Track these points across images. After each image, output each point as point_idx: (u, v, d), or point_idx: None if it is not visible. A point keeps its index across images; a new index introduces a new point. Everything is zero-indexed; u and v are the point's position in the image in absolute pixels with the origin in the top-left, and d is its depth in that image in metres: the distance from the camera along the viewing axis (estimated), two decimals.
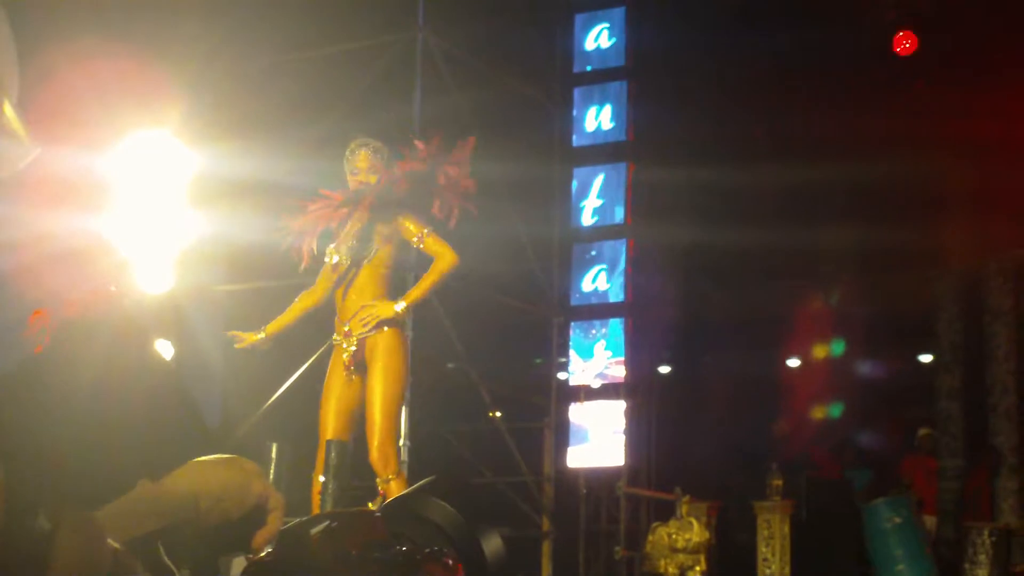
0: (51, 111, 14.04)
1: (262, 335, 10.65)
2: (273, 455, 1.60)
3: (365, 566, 1.48)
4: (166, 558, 1.54)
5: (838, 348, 19.76)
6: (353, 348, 10.11)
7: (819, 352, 19.81)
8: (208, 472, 1.57)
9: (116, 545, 1.42)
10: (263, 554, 1.53)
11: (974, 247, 16.95)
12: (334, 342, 10.28)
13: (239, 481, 1.58)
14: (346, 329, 10.14)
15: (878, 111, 16.38)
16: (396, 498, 1.74)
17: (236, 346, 10.74)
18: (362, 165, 10.43)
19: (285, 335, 10.88)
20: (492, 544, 1.70)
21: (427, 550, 1.51)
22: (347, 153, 10.50)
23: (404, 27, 16.20)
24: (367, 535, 1.53)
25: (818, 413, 19.51)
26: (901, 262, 17.71)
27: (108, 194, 14.31)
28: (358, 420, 10.22)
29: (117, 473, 1.28)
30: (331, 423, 10.15)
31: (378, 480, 9.83)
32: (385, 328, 10.03)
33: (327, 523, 1.52)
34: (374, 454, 9.97)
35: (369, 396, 10.03)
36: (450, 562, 1.51)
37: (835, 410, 19.75)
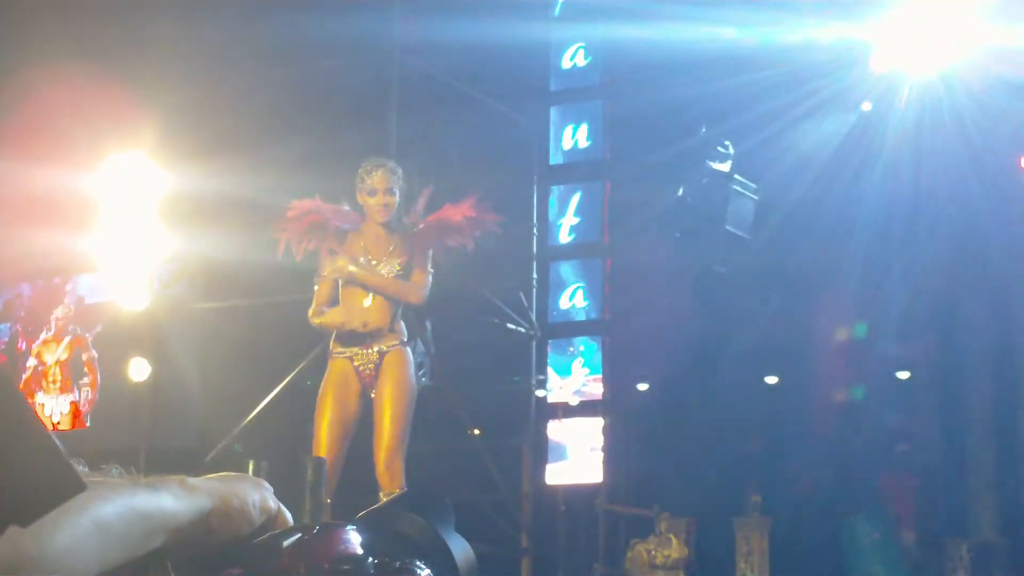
0: (28, 129, 14.04)
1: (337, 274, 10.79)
2: (250, 472, 1.61)
3: None
4: (173, 575, 1.55)
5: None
6: (372, 364, 10.30)
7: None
8: (220, 488, 1.58)
9: None
10: (235, 569, 1.54)
11: None
12: (338, 355, 10.42)
13: (250, 498, 1.59)
14: (361, 351, 10.35)
15: None
16: (369, 511, 1.75)
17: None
18: (380, 186, 10.62)
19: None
20: (464, 556, 1.71)
21: (399, 563, 1.51)
22: (361, 172, 10.67)
23: (380, 45, 16.23)
24: (339, 548, 1.53)
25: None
26: None
27: (87, 212, 14.31)
28: (353, 436, 10.34)
29: None
30: (325, 438, 10.25)
31: (382, 494, 9.94)
32: (398, 345, 10.27)
33: (299, 536, 1.53)
34: (380, 468, 10.11)
35: (379, 411, 10.21)
36: (421, 574, 1.52)
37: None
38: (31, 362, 18.12)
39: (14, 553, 1.30)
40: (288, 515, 1.63)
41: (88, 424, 17.70)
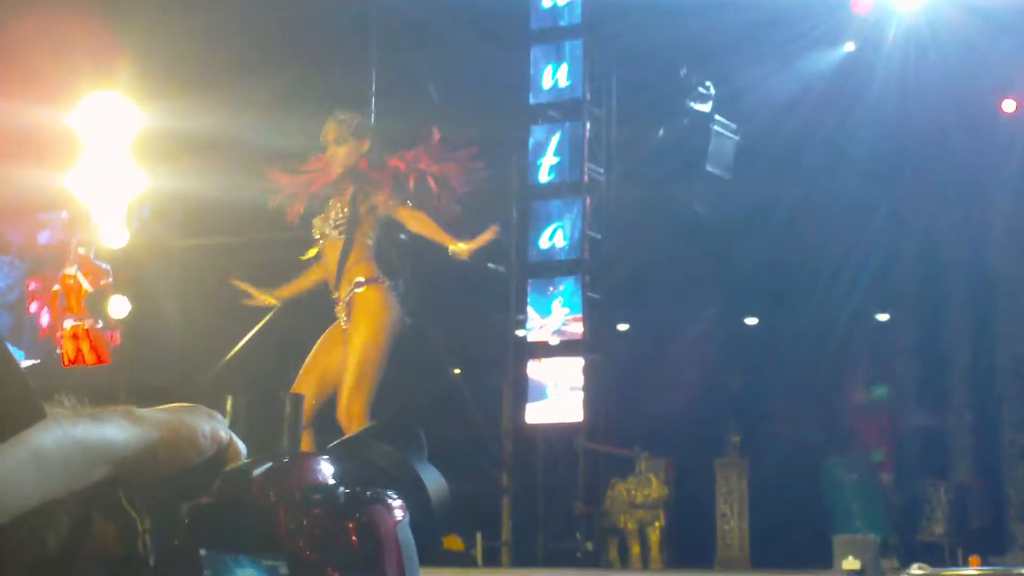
0: (2, 67, 13.96)
1: (273, 301, 10.78)
2: (228, 407, 1.61)
3: (307, 508, 1.47)
4: (127, 505, 1.54)
5: None
6: (344, 316, 10.30)
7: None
8: (169, 418, 1.56)
9: None
10: (205, 496, 1.52)
11: None
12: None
13: (200, 428, 1.57)
14: (336, 296, 10.34)
15: None
16: (340, 441, 1.74)
17: (244, 302, 10.81)
18: (328, 137, 10.63)
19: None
20: (436, 485, 1.70)
21: (370, 492, 1.50)
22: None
23: None
24: (310, 477, 1.52)
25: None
26: None
27: (65, 150, 14.26)
28: (332, 386, 10.32)
29: None
30: (302, 382, 10.26)
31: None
32: (365, 286, 10.20)
33: (269, 464, 1.52)
34: (339, 410, 10.05)
35: (346, 350, 10.17)
36: (394, 503, 1.51)
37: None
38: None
39: None
40: (241, 445, 1.61)
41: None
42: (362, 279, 10.33)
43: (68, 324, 17.57)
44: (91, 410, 1.50)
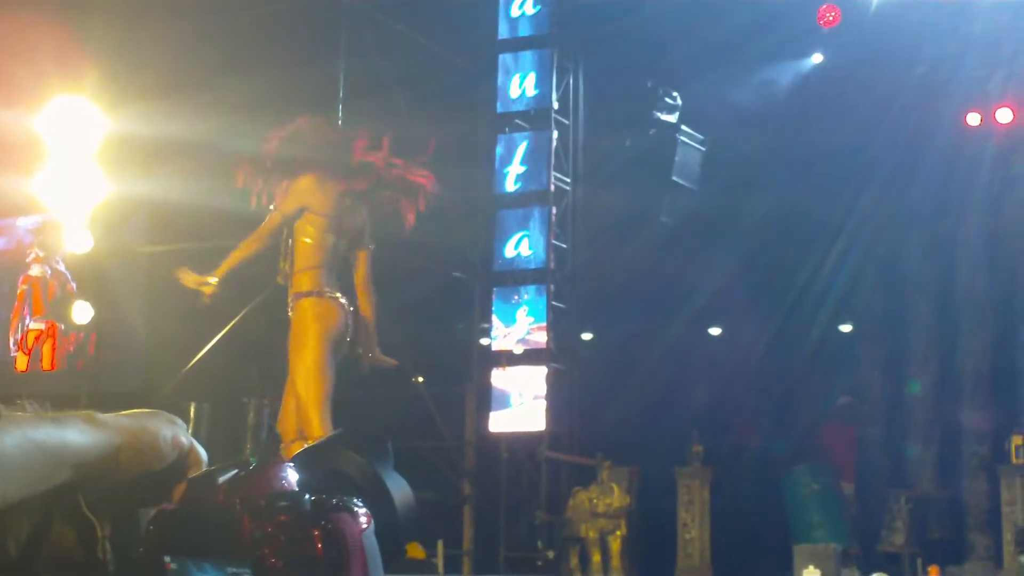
0: None
1: (213, 280, 10.63)
2: (192, 415, 1.61)
3: (273, 515, 1.48)
4: (87, 510, 1.54)
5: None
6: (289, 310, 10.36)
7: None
8: (130, 424, 1.56)
9: None
10: (171, 504, 1.53)
11: None
12: None
13: (161, 434, 1.58)
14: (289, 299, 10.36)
15: None
16: (306, 448, 1.75)
17: (183, 281, 10.72)
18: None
19: (227, 282, 10.90)
20: (402, 494, 1.70)
21: (336, 500, 1.51)
22: None
23: None
24: (276, 484, 1.53)
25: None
26: None
27: (29, 154, 14.18)
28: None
29: None
30: (288, 390, 10.31)
31: (281, 446, 9.87)
32: (304, 298, 10.16)
33: (235, 472, 1.53)
34: (277, 421, 10.03)
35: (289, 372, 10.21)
36: (359, 511, 1.52)
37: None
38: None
39: None
40: (201, 451, 1.61)
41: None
42: (301, 291, 10.30)
43: (33, 325, 17.49)
44: (53, 414, 1.51)
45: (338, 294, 10.36)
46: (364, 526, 1.51)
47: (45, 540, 1.53)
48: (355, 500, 1.54)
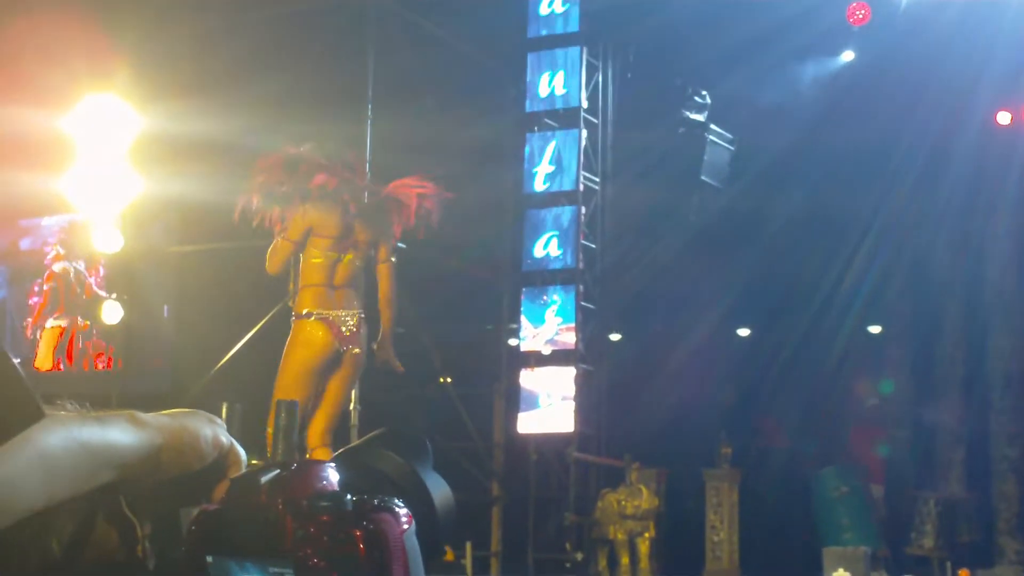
0: (1, 70, 13.93)
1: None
2: (224, 414, 1.61)
3: (315, 515, 1.47)
4: (127, 510, 1.54)
5: None
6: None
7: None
8: (171, 423, 1.56)
9: None
10: (213, 504, 1.53)
11: None
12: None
13: (202, 433, 1.57)
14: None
15: None
16: (346, 449, 1.75)
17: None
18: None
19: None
20: (441, 494, 1.70)
21: (377, 500, 1.50)
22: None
23: None
24: (317, 485, 1.52)
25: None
26: None
27: (61, 154, 14.22)
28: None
29: None
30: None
31: (306, 453, 10.18)
32: (300, 319, 10.74)
33: (277, 472, 1.52)
34: (322, 427, 10.56)
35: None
36: (400, 512, 1.51)
37: None
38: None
39: None
40: (241, 451, 1.61)
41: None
42: (300, 312, 10.76)
43: (53, 323, 17.59)
44: (96, 414, 1.50)
45: (340, 311, 10.66)
46: (405, 527, 1.51)
47: (88, 540, 1.53)
48: (396, 500, 1.53)
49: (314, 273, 10.75)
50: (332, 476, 1.55)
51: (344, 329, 10.63)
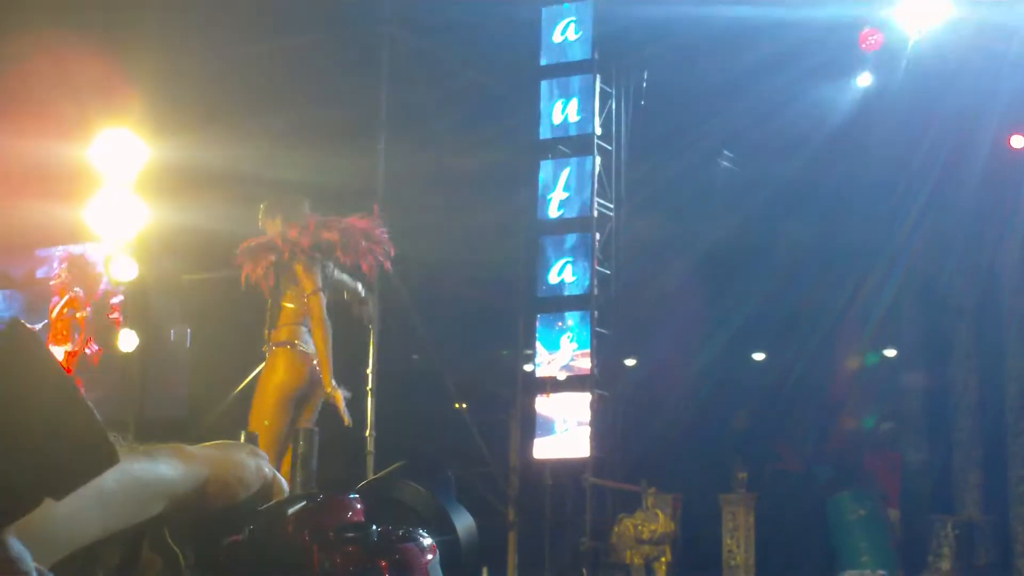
0: (16, 103, 14.00)
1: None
2: (242, 442, 1.62)
3: (341, 546, 1.49)
4: (171, 540, 1.56)
5: None
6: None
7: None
8: (216, 455, 1.59)
9: None
10: (240, 535, 1.55)
11: None
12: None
13: (246, 464, 1.60)
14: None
15: None
16: (369, 481, 1.76)
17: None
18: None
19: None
20: (465, 525, 1.72)
21: (402, 531, 1.53)
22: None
23: (370, 19, 16.19)
24: (343, 516, 1.54)
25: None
26: None
27: (75, 184, 14.28)
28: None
29: (12, 491, 1.28)
30: None
31: None
32: (274, 348, 10.83)
33: (303, 503, 1.54)
34: None
35: None
36: (425, 542, 1.53)
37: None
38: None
39: (23, 522, 1.31)
40: (283, 482, 1.64)
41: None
42: (279, 340, 10.82)
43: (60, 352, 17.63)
44: (144, 447, 1.53)
45: (312, 349, 10.74)
46: (430, 558, 1.53)
47: (133, 570, 1.56)
48: (420, 532, 1.55)
49: (291, 315, 10.90)
50: (358, 507, 1.57)
51: (315, 364, 10.76)
